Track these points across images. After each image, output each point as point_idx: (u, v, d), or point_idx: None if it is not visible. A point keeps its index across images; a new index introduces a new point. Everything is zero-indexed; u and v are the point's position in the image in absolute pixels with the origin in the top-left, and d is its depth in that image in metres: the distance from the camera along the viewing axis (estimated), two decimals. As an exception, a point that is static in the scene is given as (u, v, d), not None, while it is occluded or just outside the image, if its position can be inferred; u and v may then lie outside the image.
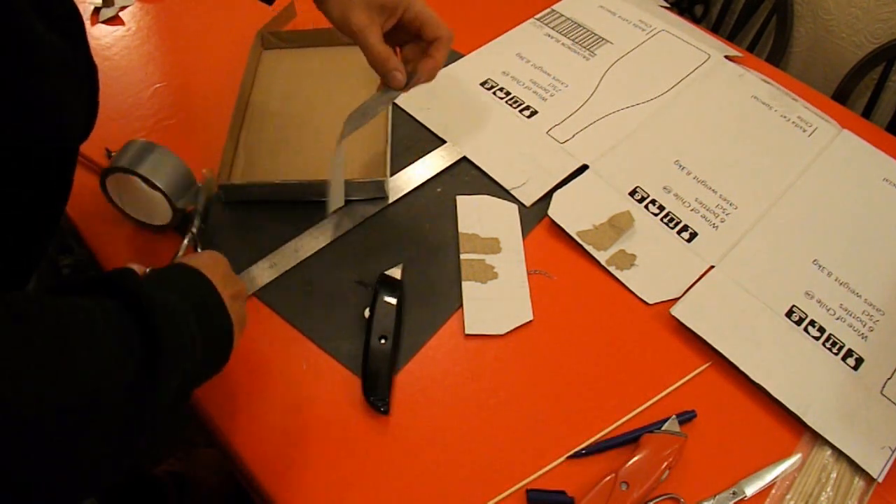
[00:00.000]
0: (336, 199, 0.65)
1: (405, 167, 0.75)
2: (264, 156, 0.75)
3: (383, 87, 0.59)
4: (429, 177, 0.74)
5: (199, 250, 0.64)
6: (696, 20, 1.42)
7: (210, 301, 0.44)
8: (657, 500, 0.53)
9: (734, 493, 0.54)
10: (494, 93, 0.84)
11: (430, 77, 0.59)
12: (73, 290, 0.36)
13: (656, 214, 0.72)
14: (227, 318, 0.45)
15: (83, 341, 0.31)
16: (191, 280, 0.44)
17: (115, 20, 0.93)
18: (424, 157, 0.76)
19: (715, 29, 1.38)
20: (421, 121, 0.80)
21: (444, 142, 0.78)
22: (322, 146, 0.76)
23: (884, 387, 0.60)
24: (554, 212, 0.71)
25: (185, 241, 0.63)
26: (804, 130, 0.81)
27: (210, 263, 0.47)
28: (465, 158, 0.76)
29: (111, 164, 0.62)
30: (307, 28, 0.87)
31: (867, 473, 0.55)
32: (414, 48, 0.60)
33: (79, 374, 0.31)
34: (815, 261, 0.69)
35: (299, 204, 0.70)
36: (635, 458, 0.54)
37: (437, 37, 0.58)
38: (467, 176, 0.75)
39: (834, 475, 0.55)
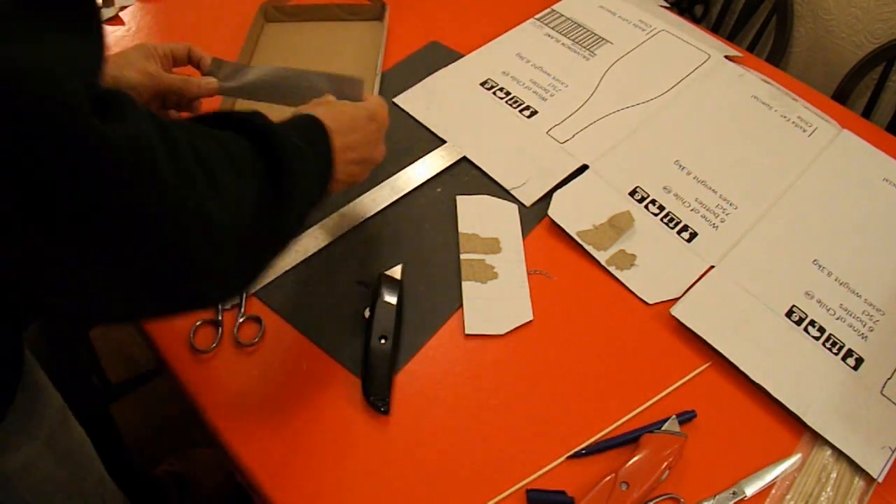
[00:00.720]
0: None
1: (405, 167, 0.75)
2: None
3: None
4: (429, 177, 0.74)
5: None
6: (696, 20, 1.41)
7: (317, 138, 0.51)
8: (657, 500, 0.53)
9: (734, 493, 0.54)
10: (494, 93, 0.84)
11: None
12: (216, 124, 0.42)
13: (656, 214, 0.72)
14: (330, 153, 0.51)
15: (226, 168, 0.38)
16: (311, 127, 0.51)
17: (115, 20, 0.93)
18: (424, 157, 0.76)
19: (715, 29, 1.38)
20: (421, 121, 0.80)
21: (444, 142, 0.78)
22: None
23: (884, 387, 0.60)
24: (554, 212, 0.71)
25: None
26: (804, 130, 0.81)
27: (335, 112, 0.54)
28: (465, 158, 0.76)
29: None
30: (309, 2, 0.89)
31: (867, 473, 0.55)
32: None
33: (229, 192, 0.37)
34: (815, 261, 0.69)
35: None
36: (635, 458, 0.54)
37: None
38: (467, 176, 0.75)
39: (834, 475, 0.55)
